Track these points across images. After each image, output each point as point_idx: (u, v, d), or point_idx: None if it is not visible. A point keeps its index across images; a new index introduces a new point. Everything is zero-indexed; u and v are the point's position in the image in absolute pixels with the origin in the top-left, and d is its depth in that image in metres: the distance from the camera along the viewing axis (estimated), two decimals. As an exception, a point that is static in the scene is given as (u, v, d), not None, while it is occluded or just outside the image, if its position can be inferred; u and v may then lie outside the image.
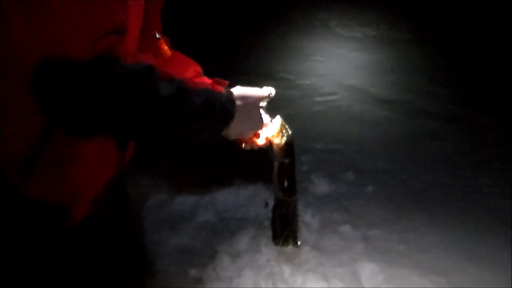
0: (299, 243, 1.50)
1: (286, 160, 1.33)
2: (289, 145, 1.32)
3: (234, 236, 2.78)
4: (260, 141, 1.31)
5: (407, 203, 3.14)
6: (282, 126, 1.31)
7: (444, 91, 4.68)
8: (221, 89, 1.19)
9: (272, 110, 1.34)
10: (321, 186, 3.29)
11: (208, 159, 3.40)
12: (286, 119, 1.39)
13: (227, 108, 1.18)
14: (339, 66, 5.25)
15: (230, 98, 1.20)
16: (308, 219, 2.91)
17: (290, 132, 1.32)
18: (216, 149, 2.98)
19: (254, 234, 2.78)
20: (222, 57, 5.13)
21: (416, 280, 2.51)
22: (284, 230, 1.45)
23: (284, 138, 1.31)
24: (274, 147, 1.31)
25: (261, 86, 1.30)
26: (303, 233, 2.70)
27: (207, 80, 1.35)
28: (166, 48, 1.31)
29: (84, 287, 1.40)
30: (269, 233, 1.48)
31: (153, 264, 2.53)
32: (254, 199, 3.06)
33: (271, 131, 1.30)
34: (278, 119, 1.31)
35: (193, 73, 1.41)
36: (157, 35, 1.29)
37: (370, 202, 3.15)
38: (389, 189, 3.28)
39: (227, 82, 1.31)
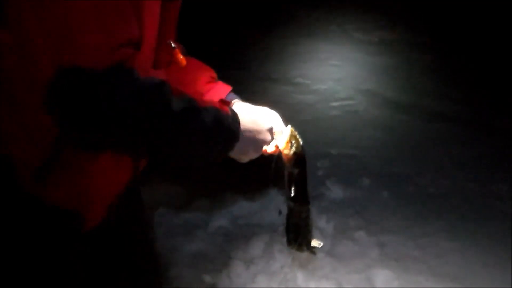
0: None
1: (296, 170, 1.31)
2: (298, 156, 1.29)
3: (248, 242, 2.79)
4: (270, 150, 1.30)
5: (423, 209, 3.12)
6: (292, 136, 1.29)
7: (461, 95, 4.63)
8: (227, 109, 1.19)
9: (289, 114, 1.33)
10: (336, 191, 3.28)
11: (222, 165, 3.39)
12: (302, 124, 1.38)
13: (232, 129, 1.17)
14: (356, 71, 5.23)
15: (236, 119, 1.19)
16: (322, 224, 2.91)
17: (300, 143, 1.30)
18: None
19: (268, 240, 2.78)
20: (237, 62, 5.14)
21: (431, 287, 2.50)
22: (297, 238, 1.44)
23: (293, 149, 1.28)
24: (283, 157, 1.30)
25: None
26: (317, 239, 2.69)
27: (218, 91, 1.38)
28: (181, 57, 1.31)
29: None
30: (283, 239, 1.47)
31: (167, 270, 2.54)
32: (269, 206, 3.05)
33: (281, 140, 1.29)
34: (288, 129, 1.30)
35: (208, 78, 1.41)
36: (173, 45, 1.28)
37: (386, 207, 3.14)
38: (405, 194, 3.27)
39: (231, 102, 1.33)
